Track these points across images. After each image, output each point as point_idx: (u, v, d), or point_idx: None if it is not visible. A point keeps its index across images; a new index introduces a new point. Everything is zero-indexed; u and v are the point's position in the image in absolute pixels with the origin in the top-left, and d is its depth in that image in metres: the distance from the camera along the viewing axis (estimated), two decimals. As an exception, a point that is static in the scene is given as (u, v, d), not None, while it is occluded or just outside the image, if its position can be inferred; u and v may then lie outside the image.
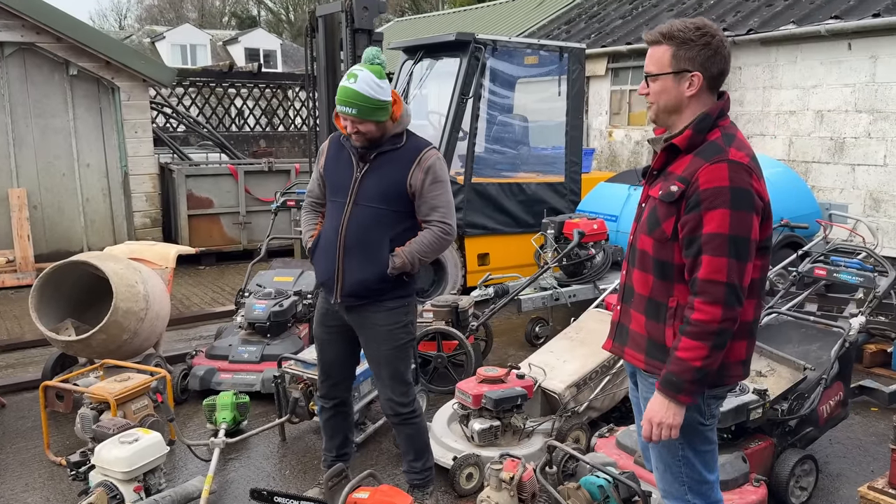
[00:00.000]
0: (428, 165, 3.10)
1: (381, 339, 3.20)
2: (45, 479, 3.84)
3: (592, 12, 13.52)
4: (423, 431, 3.41)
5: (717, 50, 2.15)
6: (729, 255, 2.07)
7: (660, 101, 2.22)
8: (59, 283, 4.60)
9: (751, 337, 2.29)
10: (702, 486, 2.37)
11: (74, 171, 8.65)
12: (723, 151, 2.12)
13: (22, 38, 8.04)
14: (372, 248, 3.10)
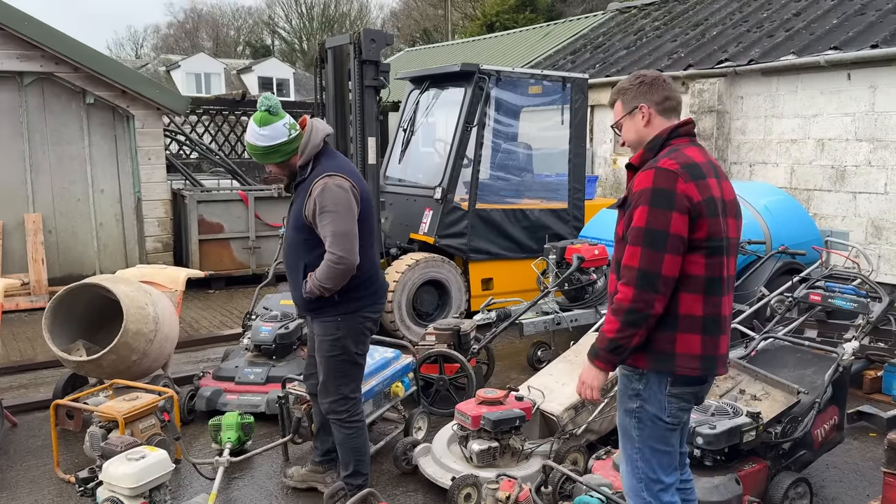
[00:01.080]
0: (315, 196, 3.24)
1: (318, 347, 3.52)
2: (54, 496, 3.94)
3: (597, 43, 13.74)
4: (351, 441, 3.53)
5: (651, 83, 2.61)
6: (643, 244, 2.40)
7: (628, 138, 2.69)
8: (72, 306, 4.74)
9: (704, 333, 2.49)
10: (656, 485, 2.61)
11: (89, 197, 8.85)
12: (655, 161, 2.49)
13: (41, 67, 8.30)
14: (293, 272, 3.46)
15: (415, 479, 4.06)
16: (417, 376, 4.75)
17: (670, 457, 2.62)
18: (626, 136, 2.68)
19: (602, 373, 2.54)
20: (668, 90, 2.61)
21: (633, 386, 2.58)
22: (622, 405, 2.65)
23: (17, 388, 5.67)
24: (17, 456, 4.43)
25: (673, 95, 2.62)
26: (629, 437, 2.63)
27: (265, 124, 3.26)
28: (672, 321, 2.47)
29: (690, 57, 10.33)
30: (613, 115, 2.72)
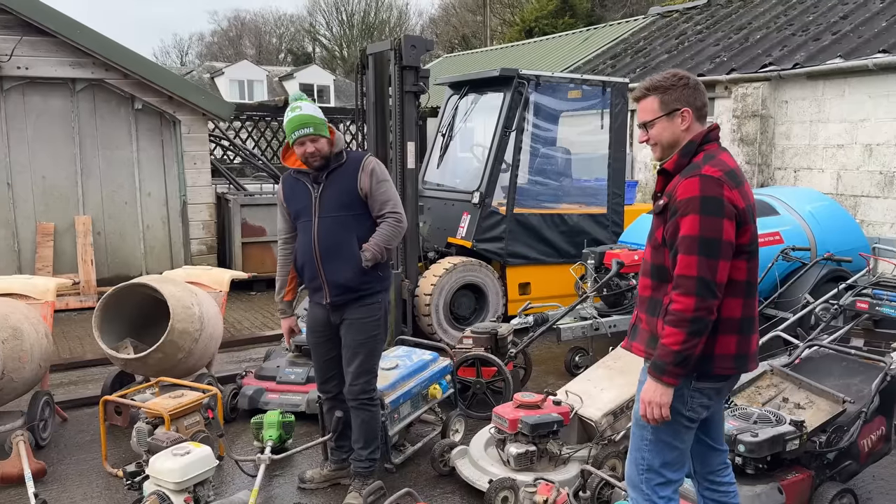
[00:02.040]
0: (371, 169, 3.67)
1: (357, 331, 3.70)
2: (102, 489, 4.06)
3: (638, 47, 13.64)
4: (376, 420, 3.81)
5: (695, 87, 2.60)
6: (699, 252, 2.40)
7: (661, 140, 2.63)
8: (120, 305, 4.88)
9: (741, 333, 2.53)
10: (656, 478, 2.61)
11: (136, 200, 9.10)
12: (698, 168, 2.49)
13: (92, 74, 8.57)
14: (344, 249, 3.60)
15: (452, 481, 4.08)
16: (455, 379, 4.77)
17: (680, 454, 2.63)
18: (659, 136, 2.63)
19: (670, 388, 2.48)
20: (705, 96, 2.64)
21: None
22: (639, 394, 2.64)
23: (66, 385, 5.85)
24: (66, 450, 4.58)
25: (707, 102, 2.65)
26: (643, 426, 2.63)
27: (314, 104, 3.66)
28: (714, 324, 2.47)
29: (733, 61, 10.19)
30: (642, 111, 2.64)
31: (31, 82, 8.37)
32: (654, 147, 2.67)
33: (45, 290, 5.02)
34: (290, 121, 3.58)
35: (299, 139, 3.57)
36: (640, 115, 2.66)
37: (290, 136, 3.60)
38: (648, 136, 2.66)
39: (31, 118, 8.48)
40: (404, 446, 4.38)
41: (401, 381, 4.29)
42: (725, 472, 2.87)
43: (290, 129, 3.58)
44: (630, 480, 2.71)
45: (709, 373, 2.53)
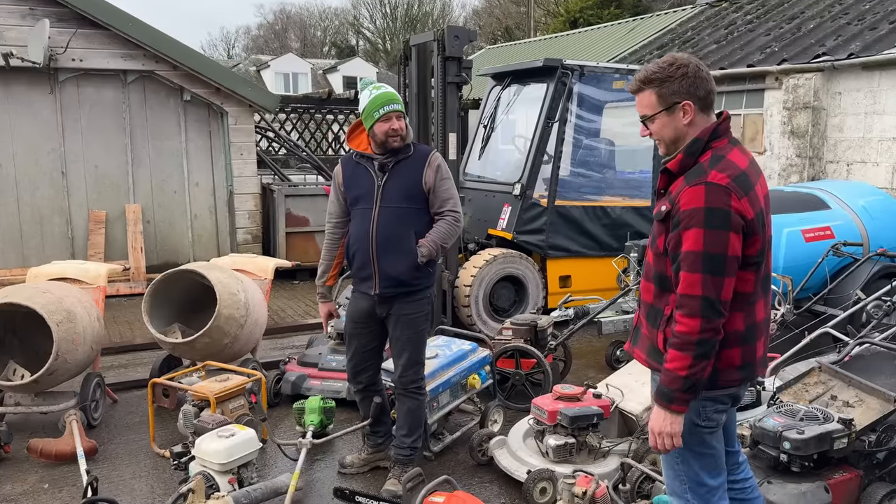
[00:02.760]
0: (437, 164, 3.69)
1: (406, 325, 3.74)
2: (149, 469, 4.19)
3: (686, 38, 13.39)
4: (422, 409, 3.86)
5: (695, 75, 2.35)
6: (703, 270, 2.23)
7: (663, 136, 2.43)
8: (169, 290, 5.01)
9: (745, 344, 2.40)
10: (700, 489, 2.50)
11: (185, 190, 9.32)
12: (704, 174, 2.29)
13: (143, 66, 8.79)
14: (401, 242, 3.60)
15: (490, 471, 4.10)
16: (494, 370, 4.78)
17: (713, 458, 2.51)
18: (660, 133, 2.42)
19: (680, 416, 2.33)
20: (710, 83, 2.39)
21: None
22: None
23: (116, 368, 6.04)
24: (116, 430, 4.73)
25: (713, 89, 2.40)
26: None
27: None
28: None
29: (785, 51, 9.92)
30: (640, 106, 2.42)
31: (84, 74, 8.62)
32: (659, 142, 2.48)
33: (98, 275, 5.18)
34: (377, 98, 3.56)
35: (386, 115, 3.55)
36: (638, 110, 2.46)
37: (374, 113, 3.56)
38: (650, 131, 2.46)
39: (84, 109, 8.73)
40: (443, 435, 4.41)
41: (440, 370, 4.31)
42: (741, 469, 2.77)
43: (377, 105, 3.55)
44: (673, 491, 2.61)
45: (714, 385, 2.39)
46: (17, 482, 4.01)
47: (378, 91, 3.61)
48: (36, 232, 8.68)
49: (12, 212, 8.56)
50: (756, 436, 3.46)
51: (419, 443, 3.90)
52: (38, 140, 8.57)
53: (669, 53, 2.44)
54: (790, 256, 5.86)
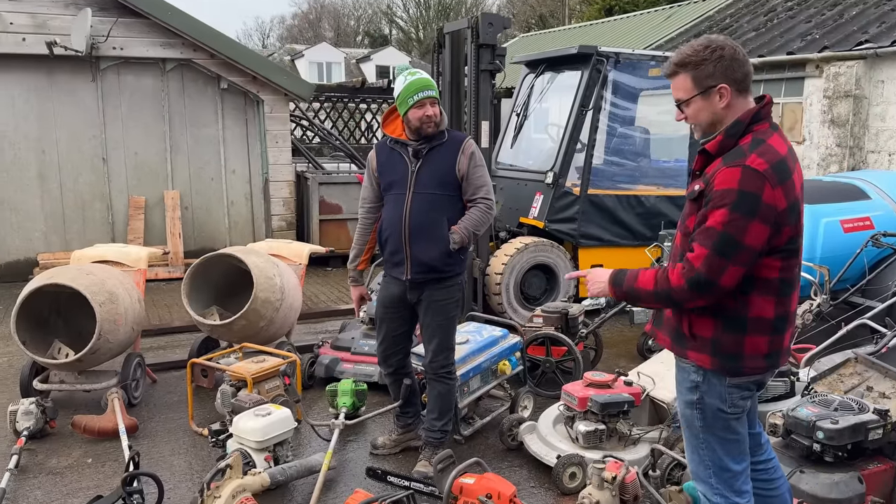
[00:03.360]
0: (471, 152, 3.71)
1: (436, 312, 3.78)
2: (188, 446, 4.31)
3: (724, 25, 13.16)
4: (452, 393, 3.90)
5: (731, 57, 2.32)
6: (712, 248, 2.24)
7: (700, 120, 2.41)
8: (207, 274, 5.13)
9: (774, 333, 2.38)
10: (724, 474, 2.51)
11: (222, 177, 9.48)
12: (743, 156, 2.26)
13: (181, 54, 8.94)
14: (434, 229, 3.64)
15: (520, 455, 4.13)
16: (524, 357, 4.80)
17: (738, 444, 2.51)
18: (697, 117, 2.40)
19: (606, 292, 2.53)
20: (747, 65, 2.35)
21: (692, 378, 2.47)
22: (681, 396, 2.54)
23: (156, 349, 6.20)
24: (156, 409, 4.86)
25: (750, 71, 2.37)
26: (692, 426, 2.53)
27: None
28: (741, 323, 2.36)
29: (826, 38, 9.71)
30: (675, 89, 2.40)
31: (125, 62, 8.80)
32: (695, 127, 2.46)
33: (138, 258, 5.32)
34: (412, 84, 3.59)
35: (420, 101, 3.58)
36: (673, 94, 2.44)
37: (409, 99, 3.59)
38: (685, 115, 2.44)
39: (124, 97, 8.92)
40: (473, 419, 4.45)
41: (471, 355, 4.36)
42: (764, 451, 2.76)
43: (412, 91, 3.58)
44: (697, 476, 2.61)
45: (740, 372, 2.41)
46: (62, 456, 4.16)
47: (413, 77, 3.63)
48: (78, 217, 8.92)
49: (56, 197, 8.80)
50: (789, 425, 3.44)
51: (449, 426, 3.96)
52: (81, 127, 8.79)
53: (705, 36, 2.41)
54: (828, 247, 5.78)
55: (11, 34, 8.18)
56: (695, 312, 2.39)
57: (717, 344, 2.38)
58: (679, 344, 2.48)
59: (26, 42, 8.22)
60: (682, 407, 2.56)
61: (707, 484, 2.56)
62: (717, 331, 2.37)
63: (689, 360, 2.45)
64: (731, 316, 2.35)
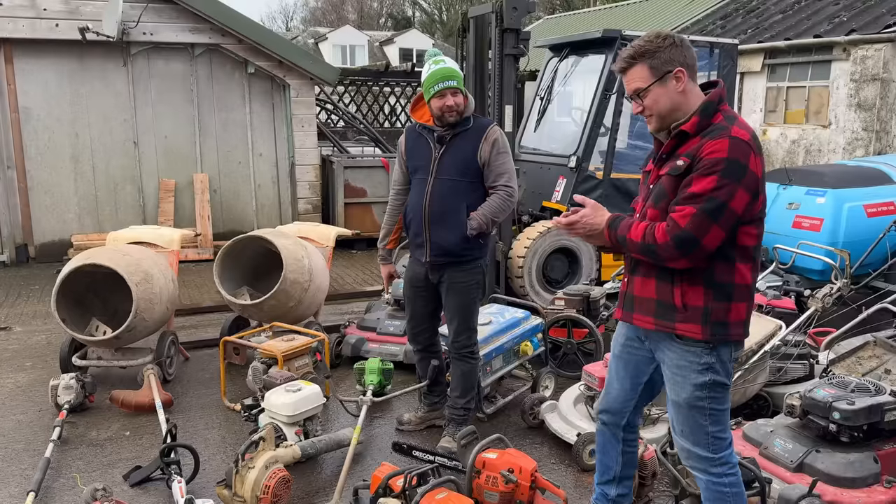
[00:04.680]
0: (493, 139, 3.74)
1: (458, 292, 3.87)
2: (221, 421, 4.48)
3: (751, 7, 13.00)
4: (475, 372, 4.00)
5: (682, 44, 2.48)
6: (702, 209, 2.36)
7: (659, 108, 2.51)
8: (238, 256, 5.28)
9: (750, 300, 2.53)
10: (722, 443, 2.66)
11: (249, 160, 9.65)
12: (726, 129, 2.40)
13: (209, 39, 9.08)
14: (452, 215, 3.72)
15: (541, 433, 4.25)
16: (546, 338, 4.90)
17: (727, 414, 2.68)
18: (657, 105, 2.49)
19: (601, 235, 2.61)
20: (693, 51, 2.52)
21: (705, 360, 2.55)
22: (689, 380, 2.58)
23: (187, 328, 6.38)
24: (189, 385, 5.05)
25: (696, 58, 2.53)
26: (699, 408, 2.60)
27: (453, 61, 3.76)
28: (729, 291, 2.49)
29: (854, 21, 9.58)
30: (632, 81, 2.50)
31: (154, 47, 8.97)
32: (650, 118, 2.55)
33: (171, 239, 5.49)
34: (434, 73, 3.66)
35: (440, 91, 3.65)
36: (629, 87, 2.53)
37: (430, 88, 3.67)
38: (643, 107, 2.53)
39: (154, 81, 9.10)
40: (496, 398, 4.57)
41: (494, 335, 4.46)
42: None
43: (434, 81, 3.65)
44: (693, 456, 2.70)
45: (727, 340, 2.54)
46: (102, 429, 4.35)
47: (436, 66, 3.68)
48: (110, 199, 9.15)
49: (88, 180, 9.03)
50: (806, 406, 3.50)
51: (472, 404, 4.07)
52: (112, 111, 8.99)
53: (652, 30, 2.55)
54: (851, 231, 5.79)
55: (45, 20, 8.37)
56: (687, 282, 2.49)
57: (708, 312, 2.49)
58: (666, 318, 2.56)
59: (59, 28, 8.41)
60: (688, 392, 2.60)
61: (707, 460, 2.66)
62: (708, 299, 2.48)
63: (688, 337, 2.54)
64: (720, 283, 2.47)
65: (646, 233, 2.47)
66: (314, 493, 3.63)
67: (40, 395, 4.78)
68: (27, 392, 4.91)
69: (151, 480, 3.67)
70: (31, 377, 5.19)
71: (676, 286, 2.52)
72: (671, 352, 2.62)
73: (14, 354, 5.70)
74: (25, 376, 5.21)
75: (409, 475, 3.21)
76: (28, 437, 4.23)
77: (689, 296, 2.51)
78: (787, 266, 5.27)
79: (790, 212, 6.14)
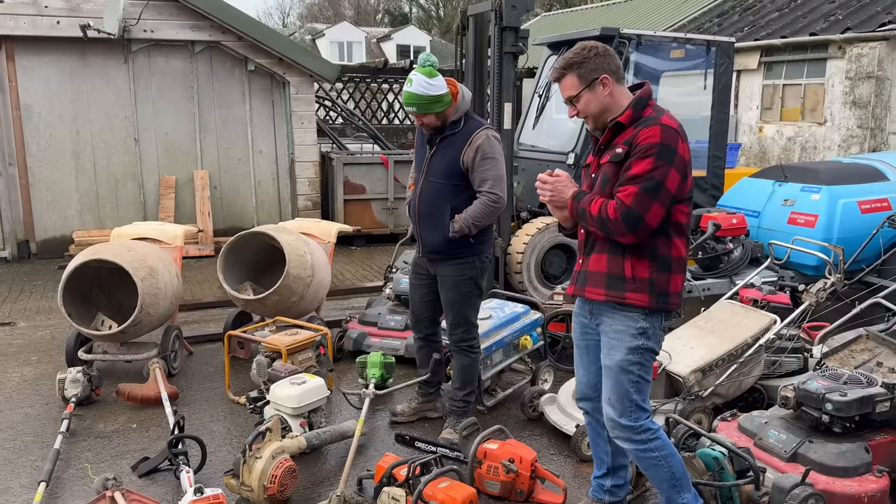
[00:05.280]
0: (478, 144, 3.77)
1: (450, 287, 3.97)
2: (226, 413, 4.55)
3: (747, 4, 13.08)
4: (475, 366, 4.09)
5: (605, 53, 2.80)
6: (641, 187, 2.67)
7: (590, 110, 2.84)
8: (241, 251, 5.35)
9: (684, 272, 2.91)
10: (644, 413, 2.93)
11: (249, 157, 9.71)
12: (657, 119, 2.72)
13: (210, 37, 9.13)
14: (437, 216, 3.84)
15: (540, 425, 4.33)
16: (545, 332, 4.98)
17: (650, 386, 2.96)
18: (588, 108, 2.81)
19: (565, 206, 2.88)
20: (617, 58, 2.84)
21: (640, 325, 2.82)
22: (623, 343, 2.85)
23: (190, 323, 6.45)
24: (193, 379, 5.12)
25: (620, 63, 2.85)
26: (628, 372, 2.86)
27: (433, 77, 3.70)
28: (669, 263, 2.80)
29: (849, 19, 9.67)
30: (565, 89, 2.82)
31: (155, 45, 9.02)
32: (587, 119, 2.87)
33: (175, 235, 5.56)
34: (404, 93, 3.76)
35: (408, 111, 3.83)
36: (563, 94, 2.85)
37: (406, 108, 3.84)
38: (577, 111, 2.84)
39: (154, 78, 9.15)
40: (496, 391, 4.65)
41: (494, 330, 4.54)
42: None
43: (405, 102, 3.76)
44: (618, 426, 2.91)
45: (666, 308, 2.83)
46: (109, 421, 4.42)
47: (406, 87, 3.71)
48: (111, 195, 9.20)
49: (90, 176, 9.09)
50: (800, 398, 3.59)
51: (472, 397, 4.16)
52: (113, 108, 9.04)
53: (578, 43, 2.83)
54: (846, 227, 5.87)
55: (47, 17, 8.41)
56: (635, 256, 2.79)
57: (653, 283, 2.79)
58: (616, 289, 2.83)
59: (60, 25, 8.46)
60: (621, 355, 2.86)
61: (630, 429, 2.89)
62: (653, 271, 2.80)
63: (628, 303, 2.81)
64: (662, 256, 2.80)
65: (601, 208, 2.76)
66: (319, 482, 3.70)
67: (47, 389, 4.85)
68: (34, 386, 4.98)
69: (159, 471, 3.74)
70: (36, 371, 5.26)
71: (627, 259, 2.81)
72: (611, 318, 2.89)
73: (19, 349, 5.77)
74: (31, 370, 5.28)
75: (413, 465, 3.29)
76: (36, 430, 4.30)
77: (637, 268, 2.80)
78: (782, 262, 5.35)
79: (785, 208, 6.23)
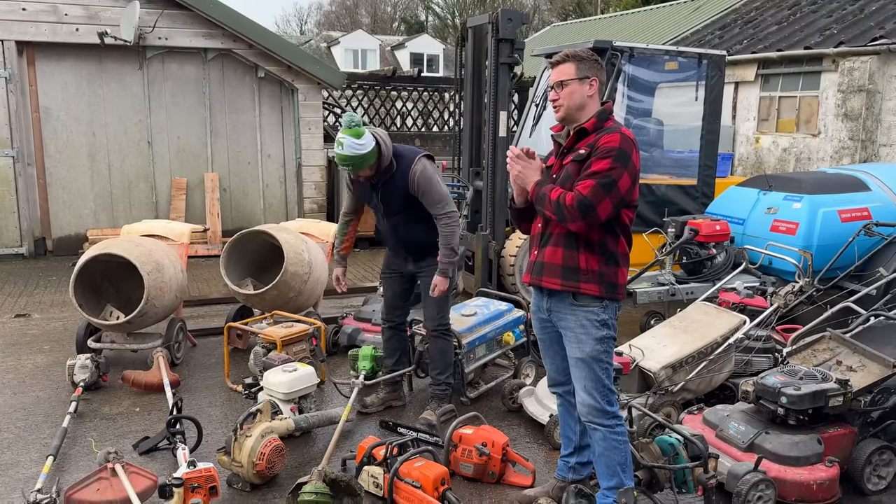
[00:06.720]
0: (416, 178, 4.09)
1: (429, 274, 4.28)
2: (224, 400, 4.83)
3: (749, 17, 13.29)
4: (450, 349, 4.42)
5: (601, 66, 3.12)
6: (599, 183, 2.94)
7: (570, 101, 3.08)
8: (242, 249, 5.64)
9: (627, 266, 3.20)
10: (612, 395, 3.18)
11: (258, 161, 10.03)
12: (618, 128, 3.06)
13: (221, 45, 9.48)
14: (423, 236, 4.21)
15: (519, 416, 4.57)
16: (528, 329, 5.22)
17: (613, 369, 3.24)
18: (569, 98, 3.05)
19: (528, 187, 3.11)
20: (605, 75, 3.14)
21: (602, 317, 3.10)
22: (591, 336, 3.10)
23: (196, 318, 6.75)
24: (195, 368, 5.41)
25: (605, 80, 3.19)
26: (599, 360, 3.12)
27: (360, 136, 3.98)
28: (617, 258, 3.11)
29: (843, 34, 9.87)
30: (558, 73, 3.07)
31: (169, 52, 9.38)
32: (559, 108, 3.09)
33: (181, 233, 5.86)
34: (336, 156, 4.03)
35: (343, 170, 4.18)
36: (555, 76, 3.08)
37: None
38: (559, 96, 3.07)
39: (168, 84, 9.51)
40: (479, 384, 4.90)
41: (477, 325, 4.80)
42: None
43: (338, 162, 4.08)
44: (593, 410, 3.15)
45: (615, 298, 3.14)
46: (114, 405, 4.71)
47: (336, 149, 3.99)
48: (124, 196, 9.56)
49: (104, 177, 9.44)
50: (758, 392, 3.82)
51: (451, 379, 4.44)
52: (128, 112, 9.40)
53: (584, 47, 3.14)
54: (825, 235, 6.07)
55: (66, 25, 8.80)
56: (587, 251, 3.07)
57: (602, 275, 3.09)
58: (571, 279, 3.09)
59: (79, 32, 8.84)
60: (591, 346, 3.10)
61: (604, 412, 3.14)
62: (602, 264, 3.09)
63: (586, 294, 3.09)
64: (610, 251, 3.09)
65: (560, 195, 3.02)
66: (306, 462, 3.97)
67: (58, 375, 5.16)
68: (46, 372, 5.29)
69: (158, 450, 4.02)
70: (49, 359, 5.57)
71: (581, 253, 3.09)
72: (572, 315, 3.14)
73: (33, 339, 6.09)
74: (44, 358, 5.60)
75: (391, 445, 3.55)
76: (47, 411, 4.60)
77: (589, 261, 3.08)
78: (758, 265, 5.57)
79: (769, 216, 6.44)
